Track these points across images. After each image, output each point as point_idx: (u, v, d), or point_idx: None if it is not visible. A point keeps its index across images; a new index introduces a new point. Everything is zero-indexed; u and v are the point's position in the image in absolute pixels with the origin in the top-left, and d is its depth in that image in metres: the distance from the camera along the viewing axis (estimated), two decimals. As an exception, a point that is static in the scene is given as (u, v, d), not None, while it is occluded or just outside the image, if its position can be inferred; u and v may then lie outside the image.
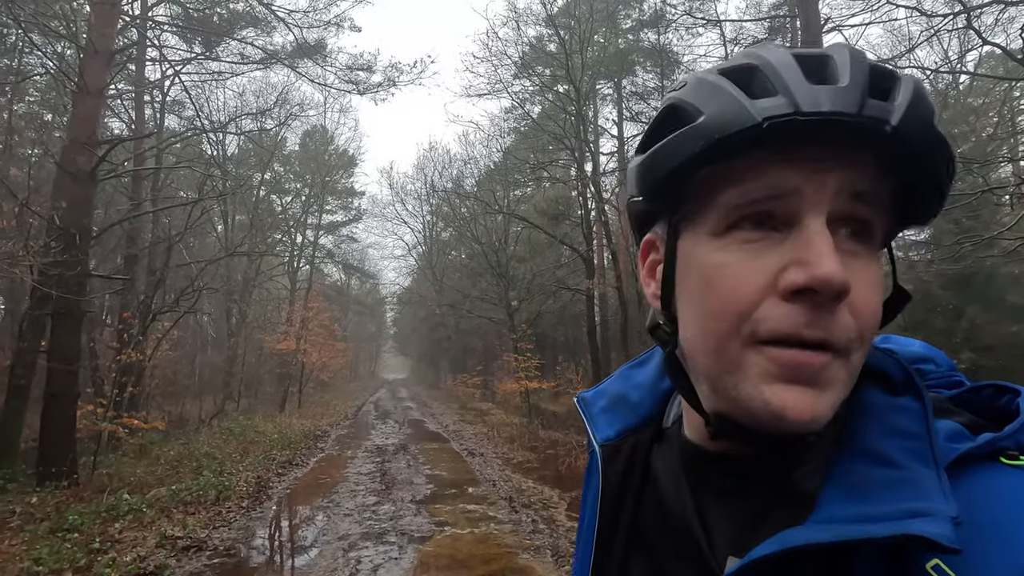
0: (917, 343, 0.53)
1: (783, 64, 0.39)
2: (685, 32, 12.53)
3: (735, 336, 0.39)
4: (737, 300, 0.39)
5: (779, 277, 0.38)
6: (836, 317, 0.37)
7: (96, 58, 7.57)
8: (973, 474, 0.38)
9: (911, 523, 0.34)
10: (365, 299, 36.71)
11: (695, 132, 0.40)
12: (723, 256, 0.40)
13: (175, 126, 15.07)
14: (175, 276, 12.23)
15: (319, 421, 14.90)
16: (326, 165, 23.01)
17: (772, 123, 0.37)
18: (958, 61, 11.56)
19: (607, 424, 0.57)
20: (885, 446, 0.39)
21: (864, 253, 0.39)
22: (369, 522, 5.80)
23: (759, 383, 0.38)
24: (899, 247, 15.33)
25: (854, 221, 0.39)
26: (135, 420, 8.92)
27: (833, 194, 0.38)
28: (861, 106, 0.36)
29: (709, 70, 0.43)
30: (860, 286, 0.38)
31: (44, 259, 6.41)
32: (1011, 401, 0.43)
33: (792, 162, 0.38)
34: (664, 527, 0.49)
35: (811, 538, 0.36)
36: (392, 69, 12.03)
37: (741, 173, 0.39)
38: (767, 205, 0.39)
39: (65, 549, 4.63)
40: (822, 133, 0.37)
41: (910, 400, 0.42)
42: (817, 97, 0.37)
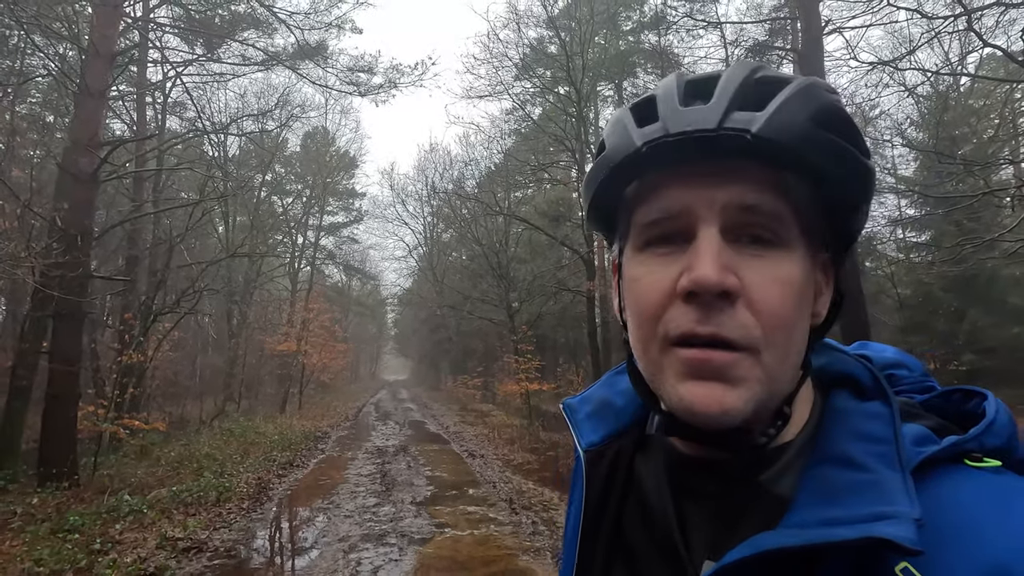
0: (891, 349, 0.55)
1: (667, 91, 0.44)
2: (686, 34, 12.53)
3: (654, 339, 0.43)
4: (649, 306, 0.43)
5: (677, 283, 0.41)
6: (729, 315, 0.40)
7: (98, 59, 7.59)
8: (938, 477, 0.39)
9: (875, 526, 0.35)
10: (366, 300, 36.71)
11: (601, 162, 0.46)
12: (640, 269, 0.45)
13: (176, 127, 15.11)
14: (176, 277, 12.24)
15: (320, 422, 14.90)
16: (327, 166, 23.03)
17: (648, 146, 0.42)
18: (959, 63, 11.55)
19: (592, 430, 0.58)
20: (854, 450, 0.41)
21: (772, 255, 0.41)
22: (369, 523, 5.80)
23: (675, 381, 0.41)
24: (900, 249, 15.30)
25: (748, 229, 0.41)
26: (136, 421, 8.92)
27: (721, 208, 0.41)
28: (721, 121, 0.40)
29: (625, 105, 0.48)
30: (759, 287, 0.40)
31: (46, 260, 6.42)
32: (978, 405, 0.45)
33: (683, 181, 0.42)
34: (646, 531, 0.50)
35: (780, 542, 0.37)
36: (393, 71, 12.04)
37: (647, 195, 0.44)
38: (667, 224, 0.43)
39: (66, 550, 4.64)
40: (696, 151, 0.41)
41: (878, 405, 0.43)
42: (682, 118, 0.41)
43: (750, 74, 0.42)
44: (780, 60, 11.34)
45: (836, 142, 0.40)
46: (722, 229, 0.41)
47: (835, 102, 0.42)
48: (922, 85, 11.44)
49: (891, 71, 9.25)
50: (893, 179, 14.25)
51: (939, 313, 12.25)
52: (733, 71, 0.43)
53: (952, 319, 11.96)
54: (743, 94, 0.41)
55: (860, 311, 7.11)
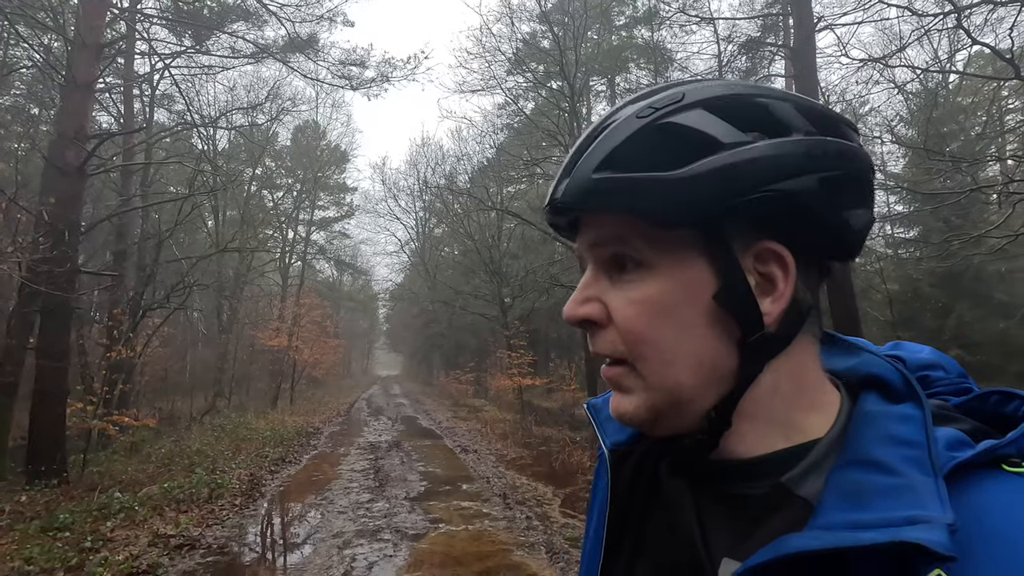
0: (927, 349, 0.54)
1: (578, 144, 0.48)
2: (679, 29, 12.51)
3: None
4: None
5: None
6: (601, 336, 0.47)
7: (85, 51, 7.47)
8: (973, 482, 0.38)
9: (906, 530, 0.34)
10: (357, 295, 36.54)
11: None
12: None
13: (165, 120, 14.94)
14: (165, 272, 12.13)
15: (312, 418, 14.85)
16: (318, 160, 22.85)
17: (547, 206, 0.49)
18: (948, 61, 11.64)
19: (617, 429, 0.57)
20: (883, 454, 0.40)
21: (633, 279, 0.45)
22: (363, 519, 5.80)
23: None
24: (888, 244, 15.45)
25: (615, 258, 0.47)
26: (125, 417, 8.85)
27: (587, 249, 0.49)
28: (553, 192, 0.48)
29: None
30: (618, 308, 0.46)
31: (32, 255, 6.34)
32: (1018, 407, 0.44)
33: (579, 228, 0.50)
34: (668, 531, 0.50)
35: (805, 545, 0.36)
36: (385, 64, 11.95)
37: None
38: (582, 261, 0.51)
39: (56, 548, 4.60)
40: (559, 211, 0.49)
41: (910, 407, 0.43)
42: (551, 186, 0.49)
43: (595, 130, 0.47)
44: (772, 56, 11.39)
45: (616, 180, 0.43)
46: (598, 265, 0.48)
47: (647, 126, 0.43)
48: (912, 82, 11.55)
49: (881, 68, 9.33)
50: (882, 175, 14.37)
51: (927, 308, 12.40)
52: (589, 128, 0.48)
53: (939, 314, 12.11)
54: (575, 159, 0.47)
55: (850, 306, 7.18)
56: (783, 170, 0.42)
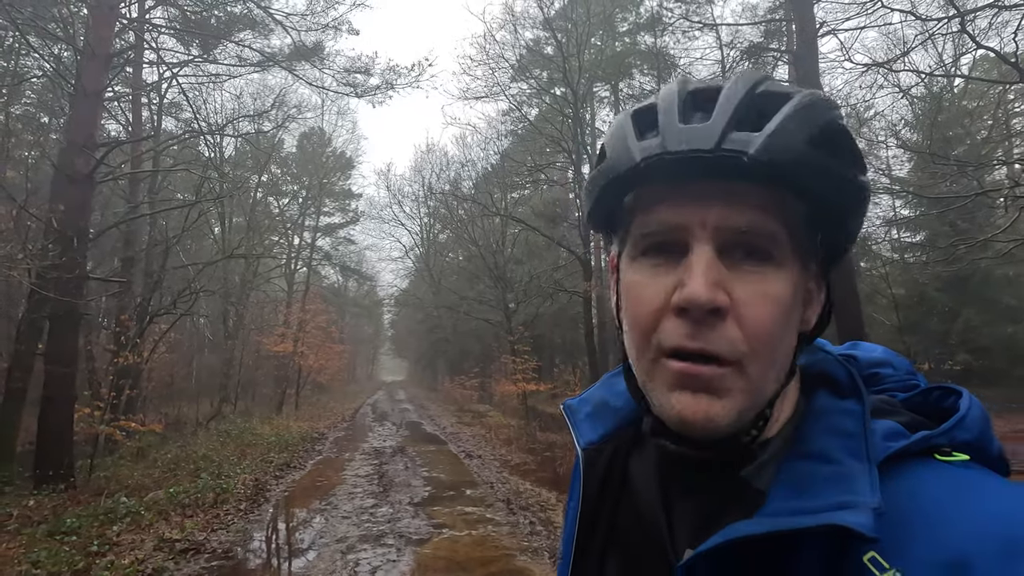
0: (880, 349, 0.57)
1: (668, 102, 0.44)
2: (681, 35, 12.59)
3: (647, 348, 0.44)
4: (643, 316, 0.44)
5: (671, 296, 0.43)
6: (718, 331, 0.41)
7: (94, 60, 7.57)
8: (907, 470, 0.41)
9: (836, 514, 0.37)
10: (362, 301, 36.62)
11: (601, 171, 0.47)
12: (636, 277, 0.46)
13: (172, 128, 15.05)
14: (172, 278, 12.21)
15: (316, 423, 14.88)
16: (323, 167, 22.99)
17: (646, 162, 0.42)
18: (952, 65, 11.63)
19: (590, 429, 0.60)
20: (827, 445, 0.43)
21: (765, 271, 0.42)
22: (367, 524, 5.80)
23: (665, 391, 0.43)
24: (895, 249, 15.38)
25: (745, 246, 0.43)
26: (132, 423, 8.88)
27: (714, 230, 0.42)
28: (719, 142, 0.40)
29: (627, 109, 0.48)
30: (749, 303, 0.42)
31: (42, 262, 6.41)
32: (955, 402, 0.46)
33: (680, 196, 0.43)
34: (637, 524, 0.52)
35: (751, 530, 0.39)
36: (389, 72, 12.03)
37: (645, 206, 0.45)
38: (661, 236, 0.44)
39: (63, 552, 4.63)
40: (691, 169, 0.41)
41: (853, 403, 0.45)
42: (680, 136, 0.41)
43: (752, 88, 0.42)
44: (775, 62, 11.39)
45: (832, 165, 0.41)
46: (716, 247, 0.42)
47: (835, 119, 0.43)
48: (916, 86, 11.51)
49: (885, 72, 9.29)
50: (888, 180, 14.32)
51: (933, 313, 12.33)
52: (735, 84, 0.43)
53: (946, 319, 12.04)
54: (742, 112, 0.41)
55: (855, 311, 7.15)
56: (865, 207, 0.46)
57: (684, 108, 0.43)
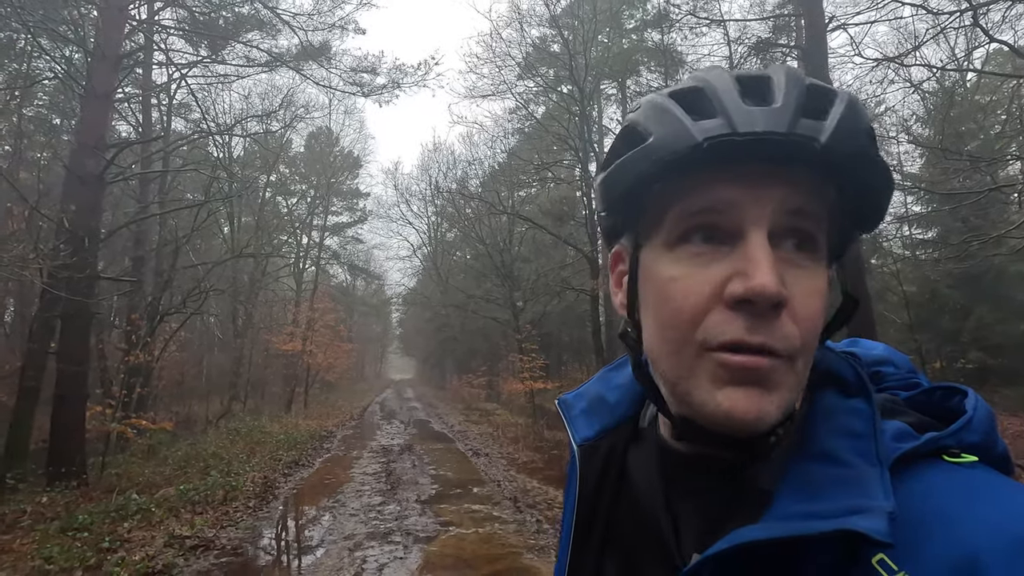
0: (880, 346, 0.56)
1: (723, 86, 0.42)
2: (689, 32, 12.49)
3: (689, 343, 0.42)
4: (688, 309, 0.41)
5: (724, 288, 0.40)
6: (777, 324, 0.39)
7: (103, 62, 7.65)
8: (915, 471, 0.40)
9: (850, 519, 0.36)
10: (370, 300, 36.78)
11: (645, 152, 0.43)
12: (675, 268, 0.43)
13: (182, 129, 15.19)
14: (182, 278, 12.32)
15: (325, 422, 14.97)
16: (331, 167, 23.10)
17: (711, 143, 0.40)
18: (965, 59, 11.48)
19: (586, 425, 0.59)
20: (836, 446, 0.42)
21: (809, 264, 0.42)
22: (375, 522, 5.83)
23: (711, 387, 0.41)
24: (906, 246, 15.20)
25: (797, 233, 0.42)
26: (143, 421, 8.99)
27: (772, 209, 0.41)
28: (792, 125, 0.39)
29: (661, 92, 0.46)
30: (801, 296, 0.40)
31: (53, 262, 6.48)
32: (960, 402, 0.46)
33: (734, 179, 0.41)
34: (637, 524, 0.51)
35: (760, 535, 0.38)
36: (396, 71, 12.07)
37: (689, 189, 0.42)
38: (711, 218, 0.42)
39: (75, 548, 4.69)
40: (758, 151, 0.40)
41: (860, 402, 0.44)
42: (752, 118, 0.40)
43: (802, 79, 0.42)
44: (783, 58, 11.29)
45: (882, 160, 0.41)
46: (769, 232, 0.40)
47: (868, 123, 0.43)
48: (928, 81, 11.36)
49: (896, 67, 9.19)
50: (899, 176, 14.15)
51: (945, 310, 12.17)
52: (788, 75, 0.42)
53: (958, 316, 11.88)
54: (805, 101, 0.40)
55: (865, 308, 7.08)
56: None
57: (743, 92, 0.42)
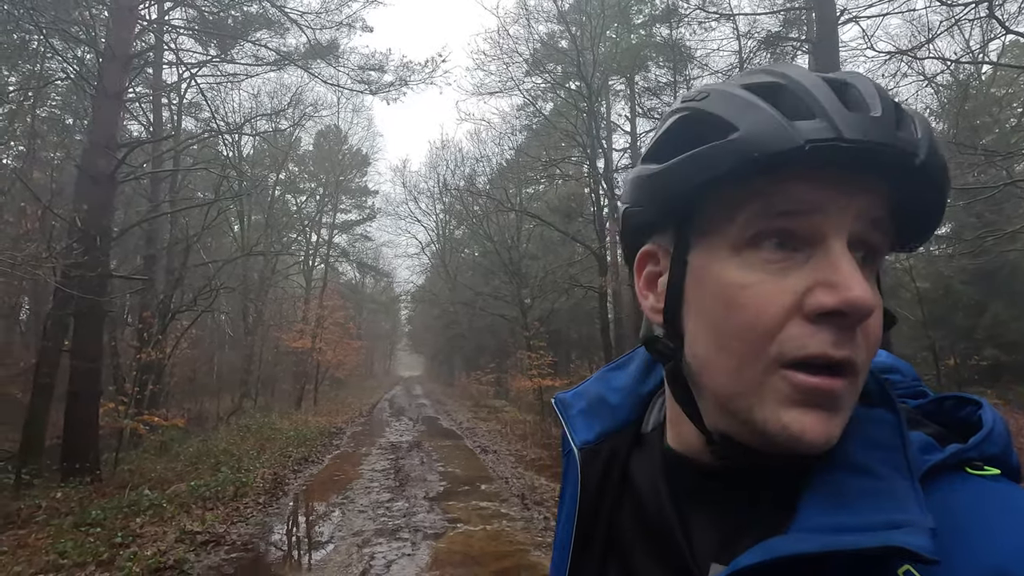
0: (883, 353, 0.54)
1: (816, 87, 0.39)
2: (698, 26, 12.35)
3: (758, 358, 0.39)
4: (763, 320, 0.39)
5: (805, 298, 0.38)
6: (855, 337, 0.38)
7: (114, 62, 7.71)
8: (942, 484, 0.39)
9: (893, 534, 0.35)
10: (379, 297, 36.95)
11: (729, 147, 0.39)
12: (745, 275, 0.40)
13: (192, 128, 15.32)
14: (193, 276, 12.44)
15: (334, 418, 15.06)
16: (340, 165, 23.20)
17: (814, 146, 0.37)
18: (980, 51, 11.24)
19: (586, 427, 0.57)
20: (863, 457, 0.40)
21: (870, 276, 0.40)
22: (383, 518, 5.86)
23: (777, 407, 0.39)
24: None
25: (867, 245, 0.40)
26: (155, 417, 9.10)
27: (854, 217, 0.39)
28: (896, 137, 0.37)
29: (731, 83, 0.43)
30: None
31: (66, 260, 6.56)
32: (972, 413, 0.45)
33: (819, 183, 0.39)
34: (642, 532, 0.49)
35: (797, 548, 0.36)
36: (403, 69, 12.07)
37: (767, 189, 0.39)
38: (789, 222, 0.39)
39: (88, 543, 4.76)
40: (858, 160, 0.38)
41: (884, 412, 0.43)
42: (859, 125, 0.37)
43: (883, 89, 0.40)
44: (794, 52, 11.17)
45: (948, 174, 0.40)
46: (849, 241, 0.39)
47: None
48: (942, 74, 11.16)
49: (909, 60, 9.04)
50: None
51: (959, 307, 12.01)
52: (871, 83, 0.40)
53: (973, 313, 11.72)
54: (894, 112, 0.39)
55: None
56: None
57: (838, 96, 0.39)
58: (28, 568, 4.26)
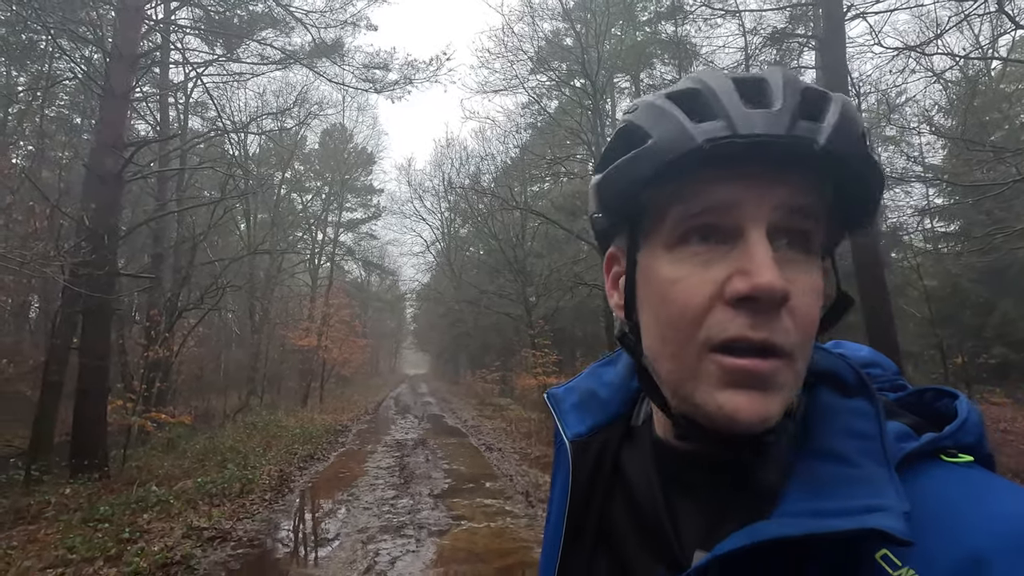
0: (865, 349, 0.57)
1: (722, 88, 0.43)
2: (703, 23, 12.29)
3: (690, 343, 0.42)
4: (690, 309, 0.42)
5: (724, 286, 0.41)
6: (778, 322, 0.40)
7: (121, 62, 7.76)
8: (918, 471, 0.41)
9: (869, 518, 0.36)
10: (385, 296, 37.03)
11: (644, 154, 0.44)
12: (675, 269, 0.44)
13: (198, 127, 15.39)
14: (200, 274, 12.51)
15: (340, 416, 15.12)
16: (345, 163, 23.26)
17: (713, 144, 0.41)
18: (990, 46, 11.14)
19: (578, 421, 0.58)
20: (842, 446, 0.42)
21: (804, 261, 0.43)
22: (388, 515, 5.88)
23: (712, 389, 0.41)
24: (927, 239, 14.89)
25: (793, 232, 0.42)
26: (163, 415, 9.17)
27: (771, 208, 0.41)
28: (791, 128, 0.40)
29: (658, 94, 0.46)
30: (799, 293, 0.41)
31: (75, 259, 6.62)
32: (948, 404, 0.47)
33: (734, 180, 0.42)
34: (633, 522, 0.50)
35: (779, 532, 0.38)
36: (408, 67, 12.09)
37: (689, 191, 0.43)
38: (711, 218, 0.43)
39: (97, 538, 4.80)
40: (757, 153, 0.41)
41: (862, 402, 0.45)
42: (752, 120, 0.41)
43: (799, 82, 0.42)
44: (800, 48, 11.09)
45: (876, 161, 0.42)
46: (768, 231, 0.41)
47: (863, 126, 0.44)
48: (950, 70, 11.08)
49: (918, 56, 8.96)
50: (920, 168, 13.85)
51: (967, 305, 11.91)
52: (785, 77, 0.43)
53: (981, 311, 11.62)
54: (802, 103, 0.41)
55: (884, 303, 6.94)
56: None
57: (741, 94, 0.42)
58: (37, 563, 4.31)
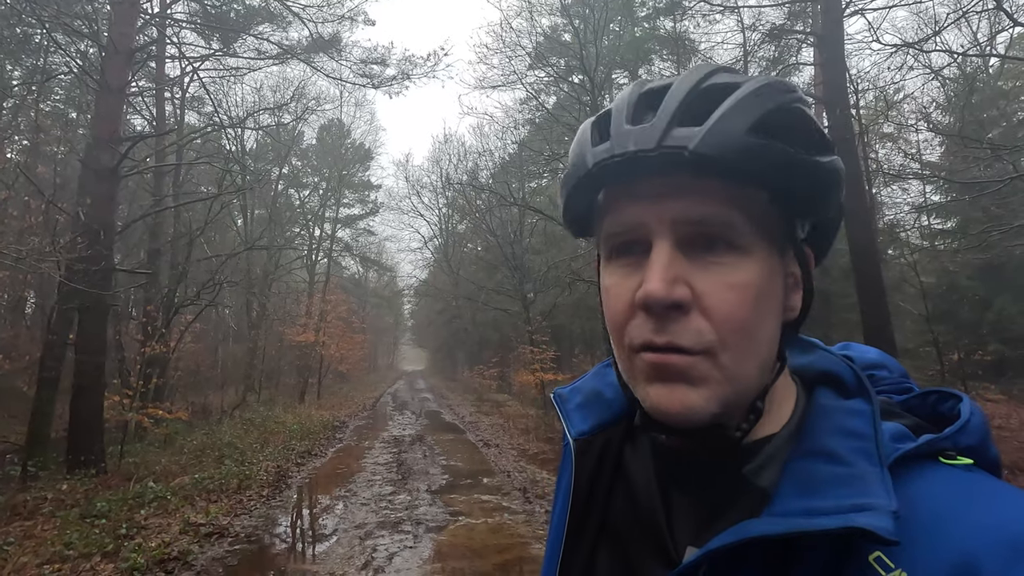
0: (873, 351, 0.57)
1: (618, 107, 0.45)
2: (702, 19, 12.26)
3: (623, 346, 0.45)
4: (616, 316, 0.45)
5: (635, 294, 0.43)
6: (683, 324, 0.41)
7: (117, 56, 7.71)
8: (914, 472, 0.41)
9: (855, 516, 0.37)
10: (382, 292, 36.96)
11: (563, 179, 0.48)
12: (608, 279, 0.47)
13: (195, 122, 15.33)
14: (197, 270, 12.48)
15: (338, 412, 15.13)
16: (343, 159, 23.20)
17: (598, 166, 0.43)
18: (988, 43, 11.15)
19: (582, 419, 0.59)
20: (835, 445, 0.42)
21: (728, 261, 0.42)
22: (385, 511, 5.89)
23: (643, 384, 0.44)
24: (924, 236, 14.91)
25: (703, 240, 0.43)
26: (160, 410, 9.16)
27: (671, 224, 0.42)
28: (661, 139, 0.41)
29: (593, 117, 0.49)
30: (712, 293, 0.42)
31: (70, 255, 6.59)
32: (953, 407, 0.47)
33: (639, 198, 0.44)
34: (633, 519, 0.51)
35: (765, 530, 0.38)
36: (406, 62, 12.02)
37: (608, 208, 0.46)
38: (625, 238, 0.45)
39: (94, 534, 4.81)
40: (642, 169, 0.42)
41: (860, 403, 0.45)
42: (626, 138, 0.42)
43: (699, 82, 0.43)
44: (799, 44, 11.08)
45: (776, 149, 0.41)
46: (676, 242, 0.42)
47: (786, 103, 0.43)
48: (948, 67, 11.08)
49: (916, 53, 8.97)
50: (918, 165, 13.86)
51: (964, 302, 11.95)
52: (683, 80, 0.43)
53: (978, 308, 11.66)
54: (686, 107, 0.42)
55: (880, 301, 6.96)
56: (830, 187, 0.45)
57: (635, 110, 0.44)
58: (34, 559, 4.30)
